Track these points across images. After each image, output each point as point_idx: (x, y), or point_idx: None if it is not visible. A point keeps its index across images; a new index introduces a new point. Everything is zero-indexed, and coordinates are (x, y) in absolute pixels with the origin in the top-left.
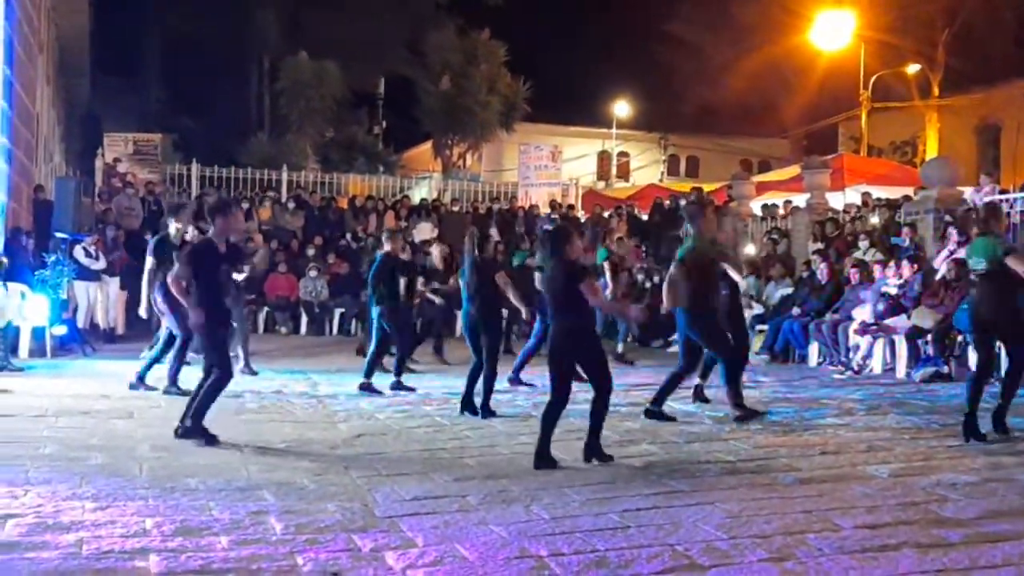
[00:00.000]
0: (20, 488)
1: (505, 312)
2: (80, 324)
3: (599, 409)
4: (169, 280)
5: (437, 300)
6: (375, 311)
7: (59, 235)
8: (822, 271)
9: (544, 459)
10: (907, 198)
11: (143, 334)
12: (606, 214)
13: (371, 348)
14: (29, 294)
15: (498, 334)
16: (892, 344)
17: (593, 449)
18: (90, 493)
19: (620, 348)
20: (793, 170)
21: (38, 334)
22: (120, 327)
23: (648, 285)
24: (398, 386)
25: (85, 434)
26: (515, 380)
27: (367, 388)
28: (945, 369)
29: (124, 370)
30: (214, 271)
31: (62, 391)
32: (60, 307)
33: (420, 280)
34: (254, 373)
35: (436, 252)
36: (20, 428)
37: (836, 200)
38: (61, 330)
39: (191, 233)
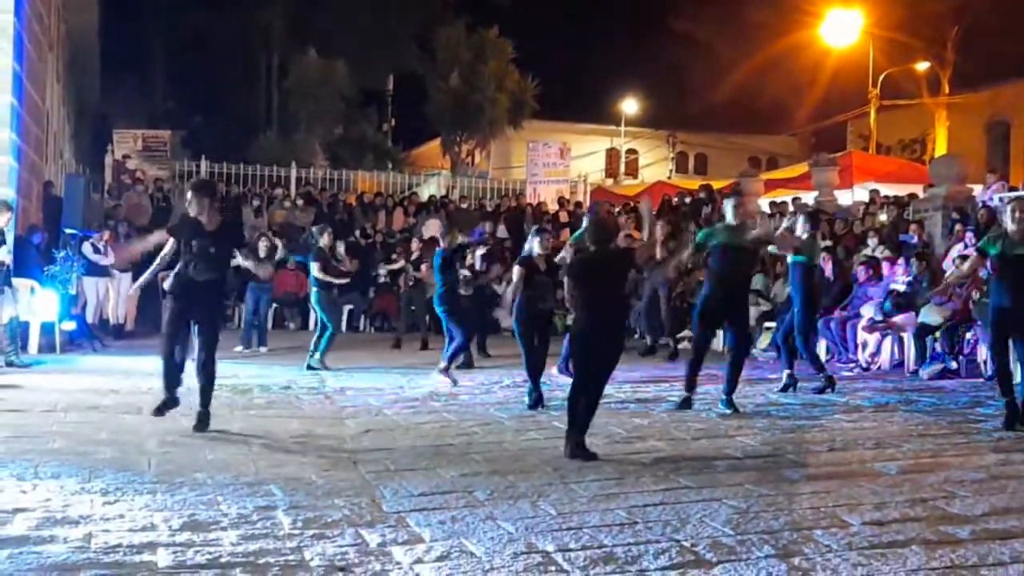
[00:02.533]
0: (29, 483)
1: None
2: (89, 320)
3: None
4: None
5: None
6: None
7: (68, 231)
8: (829, 268)
9: None
10: (913, 195)
11: (153, 330)
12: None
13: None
14: (39, 289)
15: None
16: (900, 341)
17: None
18: (99, 487)
19: None
20: (801, 167)
21: (47, 329)
22: (130, 323)
23: None
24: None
25: (94, 429)
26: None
27: None
28: (953, 366)
29: (133, 365)
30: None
31: (71, 386)
32: (69, 303)
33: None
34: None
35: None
36: (29, 423)
37: (844, 197)
38: (70, 325)
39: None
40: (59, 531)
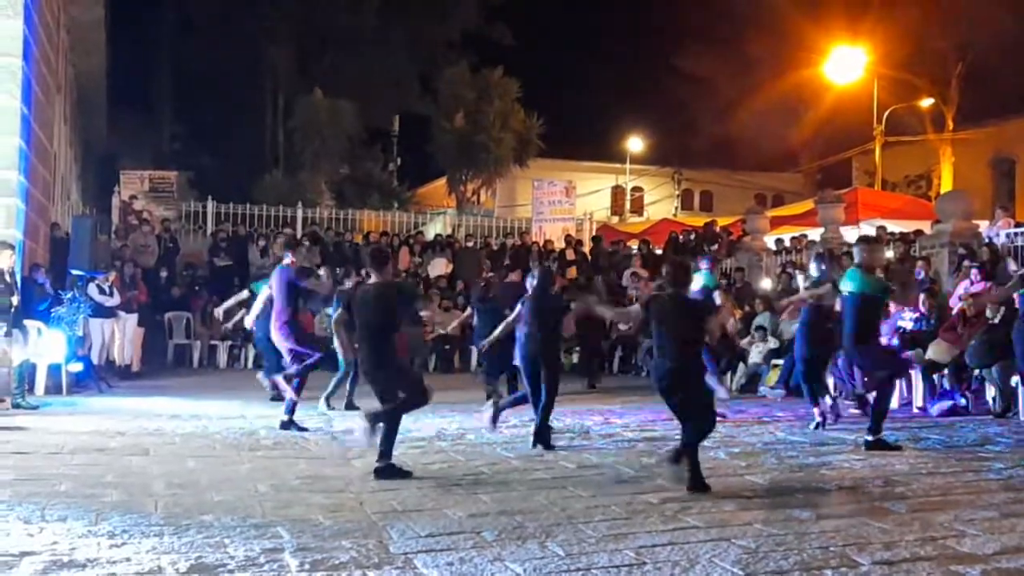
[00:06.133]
0: (36, 525)
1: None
2: (96, 361)
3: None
4: None
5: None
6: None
7: (75, 272)
8: (837, 305)
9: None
10: (919, 232)
11: (158, 370)
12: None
13: None
14: (45, 331)
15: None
16: (908, 378)
17: None
18: (105, 530)
19: None
20: (807, 204)
21: (54, 371)
22: (136, 364)
23: None
24: None
25: (100, 471)
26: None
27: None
28: (962, 403)
29: (140, 406)
30: None
31: (77, 428)
32: (76, 344)
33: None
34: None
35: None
36: (36, 465)
37: (850, 234)
38: (77, 367)
39: None
40: (66, 574)
